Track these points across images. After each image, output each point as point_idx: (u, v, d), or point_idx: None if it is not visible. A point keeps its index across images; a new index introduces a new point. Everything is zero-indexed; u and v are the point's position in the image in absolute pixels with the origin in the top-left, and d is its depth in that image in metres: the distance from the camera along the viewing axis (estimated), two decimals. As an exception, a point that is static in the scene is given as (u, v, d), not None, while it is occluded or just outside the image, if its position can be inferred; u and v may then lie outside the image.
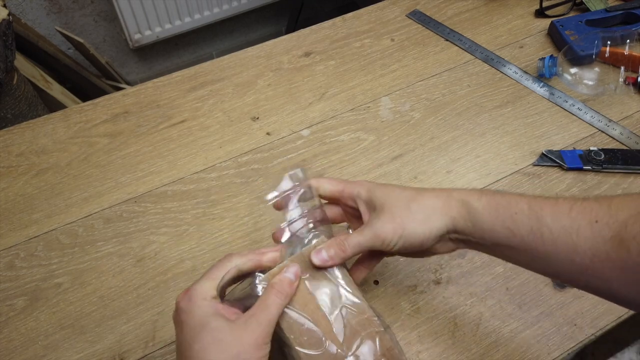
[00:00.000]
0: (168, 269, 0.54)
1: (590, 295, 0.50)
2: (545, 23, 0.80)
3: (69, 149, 0.66)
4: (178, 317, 0.36)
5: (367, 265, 0.45)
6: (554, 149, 0.63)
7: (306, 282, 0.40)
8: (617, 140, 0.64)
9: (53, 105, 1.26)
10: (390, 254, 0.43)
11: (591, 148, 0.62)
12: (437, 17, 0.82)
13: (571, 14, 0.81)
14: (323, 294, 0.40)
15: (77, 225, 0.58)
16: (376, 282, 0.52)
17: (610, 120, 0.66)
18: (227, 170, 0.63)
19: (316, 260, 0.40)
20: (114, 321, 0.50)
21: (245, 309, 0.37)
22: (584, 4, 0.82)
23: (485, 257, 0.53)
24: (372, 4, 0.85)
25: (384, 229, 0.40)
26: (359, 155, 0.64)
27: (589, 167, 0.60)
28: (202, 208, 0.59)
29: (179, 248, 0.56)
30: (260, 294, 0.38)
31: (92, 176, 0.63)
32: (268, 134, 0.67)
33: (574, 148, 0.63)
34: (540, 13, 0.82)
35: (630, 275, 0.32)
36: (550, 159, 0.62)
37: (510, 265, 0.53)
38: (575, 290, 0.51)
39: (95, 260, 0.55)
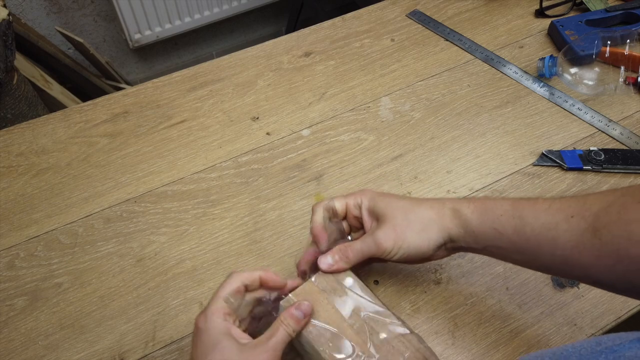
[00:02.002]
0: (168, 269, 0.54)
1: (590, 296, 0.50)
2: (545, 23, 0.80)
3: (69, 149, 0.66)
4: (195, 336, 0.39)
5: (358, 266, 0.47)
6: (554, 149, 0.63)
7: (329, 297, 0.42)
8: (617, 140, 0.64)
9: (53, 105, 1.26)
10: (391, 261, 0.45)
11: (591, 148, 0.62)
12: (437, 17, 0.82)
13: (571, 14, 0.81)
14: (345, 305, 0.42)
15: (77, 225, 0.58)
16: (376, 282, 0.52)
17: (610, 120, 0.66)
18: (227, 170, 0.63)
19: (322, 264, 0.43)
20: (114, 321, 0.50)
21: (258, 326, 0.41)
22: (583, 4, 0.82)
23: (485, 257, 0.53)
24: (372, 4, 0.85)
25: (385, 238, 0.43)
26: (359, 155, 0.64)
27: (589, 167, 0.60)
28: (202, 208, 0.59)
29: (179, 248, 0.56)
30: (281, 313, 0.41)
31: (92, 176, 0.63)
32: (268, 134, 0.67)
33: (574, 148, 0.63)
34: (540, 13, 0.82)
35: (605, 261, 0.35)
36: (550, 159, 0.62)
37: (510, 265, 0.53)
38: (575, 290, 0.51)
39: (95, 260, 0.55)
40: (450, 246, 0.44)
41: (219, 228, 0.57)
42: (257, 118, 0.69)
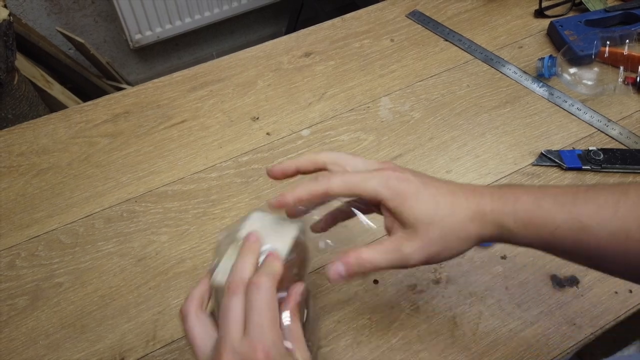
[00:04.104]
0: (169, 269, 0.54)
1: (590, 295, 0.50)
2: (545, 23, 0.80)
3: (69, 149, 0.66)
4: None
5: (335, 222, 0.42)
6: (553, 149, 0.63)
7: None
8: (616, 140, 0.64)
9: (54, 106, 1.26)
10: None
11: (590, 148, 0.62)
12: (437, 18, 0.82)
13: (570, 14, 0.81)
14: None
15: (77, 225, 0.58)
16: (375, 282, 0.52)
17: (609, 120, 0.66)
18: (227, 170, 0.63)
19: (333, 275, 0.36)
20: (114, 320, 0.51)
21: None
22: (583, 4, 0.82)
23: (485, 256, 0.54)
24: (371, 4, 0.85)
25: (417, 257, 0.36)
26: (359, 155, 0.64)
27: (588, 167, 0.61)
28: (202, 208, 0.59)
29: (180, 248, 0.56)
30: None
31: (93, 176, 0.63)
32: (268, 134, 0.67)
33: (573, 148, 0.64)
34: (539, 13, 0.82)
35: None
36: (549, 158, 0.62)
37: (509, 264, 0.53)
38: (574, 289, 0.51)
39: (96, 260, 0.55)
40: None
41: (219, 228, 0.57)
42: (257, 118, 0.69)
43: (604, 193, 0.34)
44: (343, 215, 0.43)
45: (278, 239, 0.39)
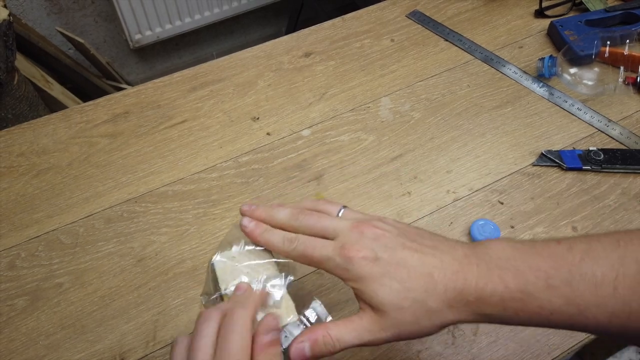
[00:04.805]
0: (169, 269, 0.54)
1: (590, 295, 0.50)
2: (545, 23, 0.80)
3: (69, 149, 0.66)
4: None
5: None
6: (554, 149, 0.63)
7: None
8: (617, 140, 0.64)
9: (54, 106, 1.26)
10: None
11: (590, 148, 0.62)
12: (437, 18, 0.82)
13: (571, 14, 0.81)
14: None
15: (77, 225, 0.58)
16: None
17: (609, 120, 0.66)
18: (227, 171, 0.63)
19: (295, 355, 0.34)
20: (114, 321, 0.51)
21: None
22: (583, 4, 0.82)
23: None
24: (372, 4, 0.85)
25: (385, 336, 0.34)
26: (359, 155, 0.64)
27: (589, 167, 0.61)
28: (202, 208, 0.59)
29: (180, 248, 0.56)
30: None
31: (93, 176, 0.63)
32: (268, 134, 0.67)
33: (573, 148, 0.64)
34: (539, 13, 0.82)
35: None
36: (549, 159, 0.62)
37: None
38: (574, 289, 0.51)
39: (96, 260, 0.55)
40: None
41: (219, 228, 0.57)
42: (258, 118, 0.69)
43: (601, 264, 0.32)
44: None
45: (263, 272, 0.39)
